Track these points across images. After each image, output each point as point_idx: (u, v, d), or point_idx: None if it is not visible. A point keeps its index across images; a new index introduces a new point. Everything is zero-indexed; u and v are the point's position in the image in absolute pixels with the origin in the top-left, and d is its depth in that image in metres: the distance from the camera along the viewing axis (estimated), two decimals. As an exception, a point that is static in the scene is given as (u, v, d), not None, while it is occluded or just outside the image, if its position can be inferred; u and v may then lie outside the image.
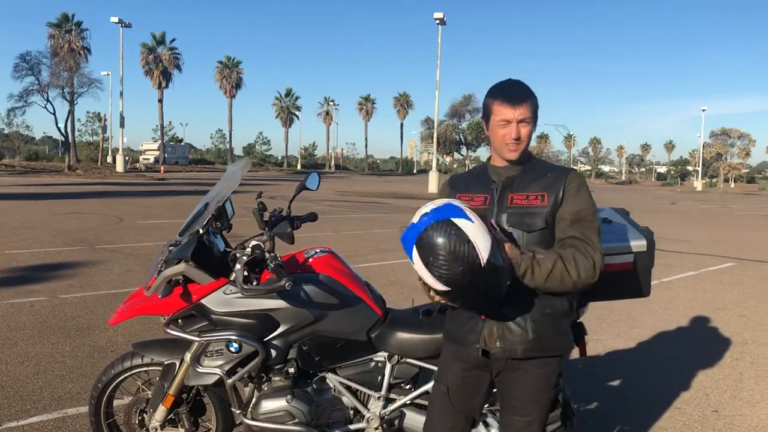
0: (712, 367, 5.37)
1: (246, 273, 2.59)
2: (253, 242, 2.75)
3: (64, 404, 4.05)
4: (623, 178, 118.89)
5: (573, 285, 2.14)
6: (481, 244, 1.91)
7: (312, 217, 3.20)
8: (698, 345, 6.06)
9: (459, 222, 1.92)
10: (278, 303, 2.67)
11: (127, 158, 49.03)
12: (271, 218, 2.95)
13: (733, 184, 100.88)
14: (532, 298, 2.21)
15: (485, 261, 1.90)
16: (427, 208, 2.01)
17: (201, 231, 2.71)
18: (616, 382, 4.88)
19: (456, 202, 2.02)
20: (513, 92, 2.27)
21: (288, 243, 2.70)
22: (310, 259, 2.87)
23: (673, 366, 5.34)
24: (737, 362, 5.55)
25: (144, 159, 66.55)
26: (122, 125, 47.45)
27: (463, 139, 35.31)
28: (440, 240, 1.90)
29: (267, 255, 2.62)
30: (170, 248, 2.79)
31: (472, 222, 1.94)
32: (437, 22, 34.76)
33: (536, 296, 2.20)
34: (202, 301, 2.68)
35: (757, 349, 5.94)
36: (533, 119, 2.28)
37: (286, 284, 2.38)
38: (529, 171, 2.34)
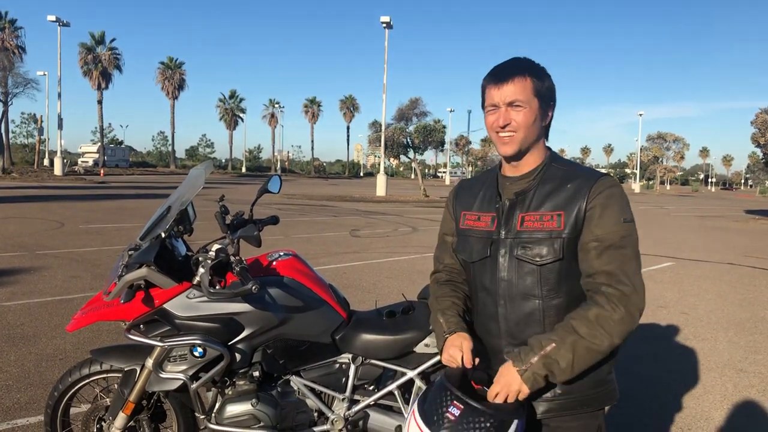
0: (658, 363, 5.57)
1: (210, 277, 2.57)
2: (217, 246, 2.73)
3: (13, 415, 3.93)
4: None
5: (610, 348, 1.73)
6: None
7: (273, 220, 3.19)
8: (643, 342, 6.27)
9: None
10: (243, 306, 2.66)
11: (65, 161, 47.56)
12: (234, 221, 2.94)
13: (668, 186, 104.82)
14: None
15: None
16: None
17: (163, 235, 2.67)
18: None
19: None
20: (501, 68, 1.82)
21: (255, 246, 2.68)
22: (274, 262, 2.86)
23: (620, 363, 5.51)
24: (680, 358, 5.78)
25: (83, 162, 64.56)
26: (60, 127, 45.98)
27: (410, 143, 35.46)
28: None
29: (232, 258, 2.60)
30: (130, 252, 2.73)
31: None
32: (384, 25, 34.89)
33: None
34: (165, 305, 2.64)
35: (699, 345, 6.20)
36: (532, 102, 1.78)
37: (253, 287, 2.37)
38: (546, 181, 1.84)
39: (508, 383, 1.70)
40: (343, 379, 2.88)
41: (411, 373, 2.78)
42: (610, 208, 1.75)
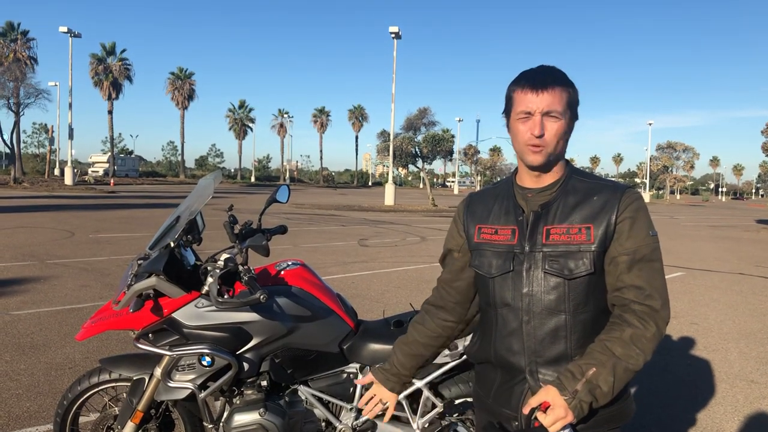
0: (667, 373, 5.54)
1: (219, 286, 2.58)
2: (225, 255, 2.74)
3: (23, 423, 3.94)
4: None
5: (644, 365, 1.72)
6: None
7: (281, 230, 3.20)
8: (653, 353, 6.22)
9: None
10: (251, 316, 2.67)
11: (75, 170, 47.88)
12: (242, 231, 2.95)
13: (678, 196, 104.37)
14: None
15: None
16: None
17: (172, 244, 2.69)
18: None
19: None
20: (538, 76, 1.74)
21: (263, 255, 2.69)
22: (283, 272, 2.87)
23: (630, 373, 5.48)
24: (691, 368, 5.74)
25: (93, 171, 65.01)
26: (71, 137, 46.41)
27: (418, 152, 35.52)
28: None
29: (240, 268, 2.61)
30: (139, 262, 2.75)
31: None
32: (392, 36, 35.03)
33: None
34: (174, 315, 2.65)
35: (709, 355, 6.15)
36: (566, 114, 1.74)
37: (261, 297, 2.38)
38: (569, 193, 1.80)
39: (557, 415, 1.60)
40: (351, 389, 2.88)
41: (419, 383, 2.77)
42: (640, 221, 1.74)
